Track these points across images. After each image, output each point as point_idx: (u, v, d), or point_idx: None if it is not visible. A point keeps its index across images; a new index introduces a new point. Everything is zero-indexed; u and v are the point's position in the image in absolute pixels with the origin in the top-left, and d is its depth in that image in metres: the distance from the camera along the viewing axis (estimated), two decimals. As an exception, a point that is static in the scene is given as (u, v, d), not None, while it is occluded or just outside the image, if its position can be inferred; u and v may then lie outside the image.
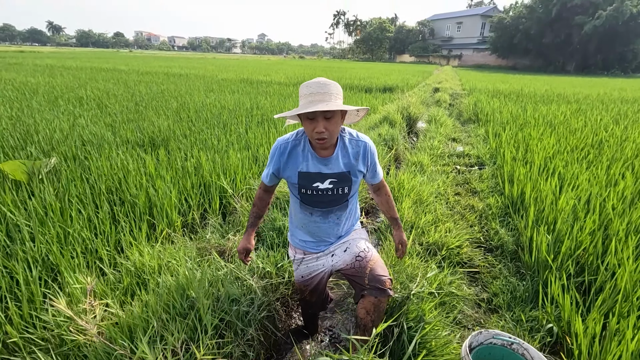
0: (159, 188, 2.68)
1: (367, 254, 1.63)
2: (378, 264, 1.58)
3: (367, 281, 1.51)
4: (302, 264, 1.74)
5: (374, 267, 1.55)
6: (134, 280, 1.78)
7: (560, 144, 4.29)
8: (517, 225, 2.82)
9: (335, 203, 1.59)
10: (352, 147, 1.48)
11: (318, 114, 1.29)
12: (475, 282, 2.41)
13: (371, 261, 1.59)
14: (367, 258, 1.60)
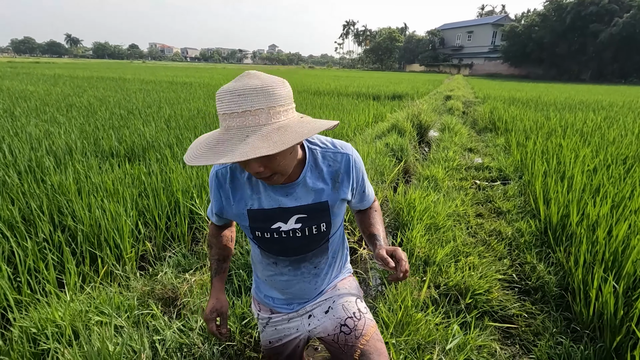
0: (111, 210, 2.16)
1: (356, 323, 1.06)
2: (372, 344, 1.02)
3: None
4: (268, 326, 1.18)
5: (366, 350, 1.00)
6: (28, 350, 1.25)
7: (600, 155, 3.67)
8: (560, 259, 2.22)
9: (308, 248, 1.04)
10: (329, 164, 0.95)
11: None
12: (510, 339, 1.82)
13: (363, 337, 1.03)
14: (357, 330, 1.05)
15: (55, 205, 2.26)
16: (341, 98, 10.11)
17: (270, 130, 0.70)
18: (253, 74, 0.74)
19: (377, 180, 3.27)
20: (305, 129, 0.74)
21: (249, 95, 0.69)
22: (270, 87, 0.71)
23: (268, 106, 0.71)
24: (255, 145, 0.67)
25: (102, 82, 13.39)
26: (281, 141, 0.69)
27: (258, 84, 0.70)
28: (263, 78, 0.73)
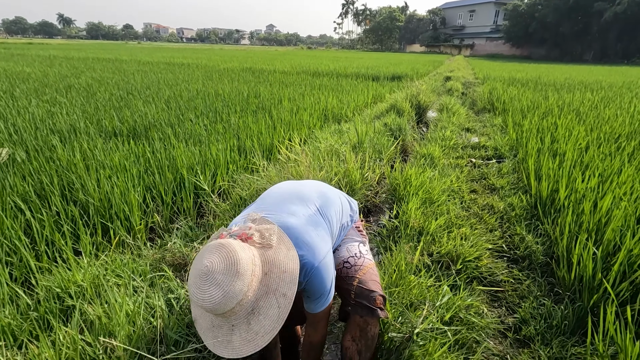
0: (118, 185, 2.26)
1: (357, 261, 1.26)
2: (369, 276, 1.21)
3: (354, 295, 1.16)
4: None
5: (363, 279, 1.20)
6: (54, 306, 1.37)
7: (593, 134, 3.75)
8: (547, 231, 2.34)
9: None
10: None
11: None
12: (497, 302, 1.95)
13: (361, 270, 1.23)
14: (356, 265, 1.23)
15: (65, 181, 2.35)
16: (340, 79, 10.07)
17: (247, 335, 0.87)
18: (212, 277, 0.82)
19: (375, 158, 3.36)
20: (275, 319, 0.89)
21: (220, 305, 0.82)
22: (230, 294, 0.82)
23: (237, 302, 0.84)
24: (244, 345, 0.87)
25: (98, 64, 13.23)
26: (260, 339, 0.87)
27: (220, 295, 0.81)
28: (221, 282, 0.81)
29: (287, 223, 1.08)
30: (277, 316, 0.89)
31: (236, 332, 0.87)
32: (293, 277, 0.93)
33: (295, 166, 2.32)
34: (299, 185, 1.38)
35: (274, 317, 0.89)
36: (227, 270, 0.82)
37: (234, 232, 0.96)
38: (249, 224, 1.01)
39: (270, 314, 0.88)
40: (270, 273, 0.92)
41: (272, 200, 1.24)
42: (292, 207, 1.17)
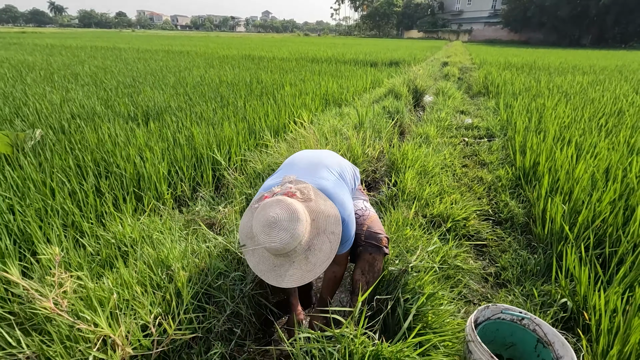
0: (148, 159, 2.53)
1: (364, 212, 1.58)
2: (375, 223, 1.53)
3: (364, 238, 1.45)
4: None
5: (370, 225, 1.50)
6: (114, 252, 1.66)
7: (577, 113, 4.03)
8: (528, 196, 2.64)
9: None
10: None
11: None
12: (482, 256, 2.26)
13: (368, 219, 1.54)
14: (364, 216, 1.55)
15: (99, 158, 2.62)
16: (339, 65, 10.24)
17: (304, 261, 1.14)
18: (279, 224, 1.06)
19: (375, 137, 3.64)
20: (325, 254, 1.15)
21: (286, 247, 1.07)
22: (295, 235, 1.07)
23: (298, 242, 1.09)
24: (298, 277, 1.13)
25: (97, 52, 13.29)
26: (315, 269, 1.14)
27: (287, 237, 1.06)
28: (288, 227, 1.07)
29: (321, 184, 1.32)
30: (329, 250, 1.15)
31: (296, 266, 1.13)
32: (337, 219, 1.19)
33: (303, 141, 2.59)
34: (318, 154, 1.63)
35: (327, 250, 1.15)
36: (290, 218, 1.07)
37: (278, 192, 1.20)
38: (288, 185, 1.24)
39: (324, 248, 1.15)
40: (317, 219, 1.18)
41: (301, 166, 1.47)
42: (321, 172, 1.41)
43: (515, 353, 1.43)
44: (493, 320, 1.42)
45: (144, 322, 1.12)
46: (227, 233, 1.93)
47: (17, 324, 1.33)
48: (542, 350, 1.32)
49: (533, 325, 1.35)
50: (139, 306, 1.17)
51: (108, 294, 1.19)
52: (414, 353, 1.18)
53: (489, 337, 1.41)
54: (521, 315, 1.37)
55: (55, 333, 1.10)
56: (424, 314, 1.40)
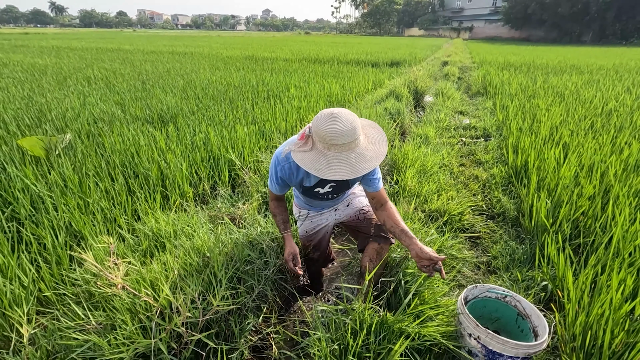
0: (171, 161, 2.78)
1: (370, 209, 1.77)
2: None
3: (373, 231, 1.66)
4: (306, 220, 1.88)
5: (378, 222, 1.69)
6: (152, 243, 1.91)
7: (569, 114, 4.26)
8: (519, 193, 2.88)
9: (333, 198, 1.74)
10: None
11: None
12: (475, 247, 2.50)
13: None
14: (371, 212, 1.74)
15: (125, 159, 2.87)
16: (341, 66, 10.46)
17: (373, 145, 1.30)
18: (341, 117, 1.21)
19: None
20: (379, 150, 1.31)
21: (351, 133, 1.21)
22: (356, 119, 1.24)
23: (359, 130, 1.25)
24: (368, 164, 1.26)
25: (104, 54, 13.54)
26: (379, 153, 1.29)
27: (352, 118, 1.22)
28: (350, 114, 1.23)
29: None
30: (382, 133, 1.35)
31: (353, 153, 1.23)
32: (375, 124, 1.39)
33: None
34: None
35: (381, 132, 1.35)
36: (348, 113, 1.24)
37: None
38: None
39: (378, 128, 1.36)
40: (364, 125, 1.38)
41: None
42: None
43: (500, 326, 1.67)
44: (481, 298, 1.66)
45: (192, 298, 1.37)
46: (248, 227, 2.18)
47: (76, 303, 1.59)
48: (522, 322, 1.56)
49: (514, 301, 1.60)
50: (185, 285, 1.42)
51: (160, 275, 1.44)
52: (413, 322, 1.43)
53: (477, 313, 1.65)
54: (504, 293, 1.61)
55: (120, 306, 1.35)
56: (421, 292, 1.64)
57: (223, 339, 1.43)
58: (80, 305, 1.49)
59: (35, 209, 2.25)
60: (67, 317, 1.43)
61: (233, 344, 1.44)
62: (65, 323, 1.40)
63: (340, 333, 1.36)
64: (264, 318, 1.63)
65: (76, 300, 1.58)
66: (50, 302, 1.66)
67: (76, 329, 1.41)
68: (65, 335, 1.33)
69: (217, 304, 1.31)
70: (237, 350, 1.41)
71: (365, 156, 1.25)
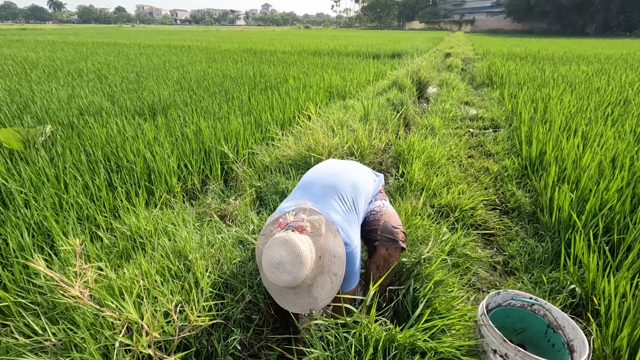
0: (157, 154, 2.56)
1: (382, 209, 1.58)
2: (392, 217, 1.52)
3: (380, 232, 1.45)
4: None
5: (387, 220, 1.50)
6: (129, 244, 1.69)
7: (582, 102, 4.01)
8: (535, 186, 2.65)
9: None
10: None
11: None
12: (490, 245, 2.29)
13: (385, 215, 1.54)
14: (381, 212, 1.56)
15: (109, 152, 2.65)
16: (341, 58, 10.19)
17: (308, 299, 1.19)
18: (283, 267, 1.09)
19: (381, 129, 3.64)
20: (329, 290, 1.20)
21: (289, 284, 1.11)
22: (298, 277, 1.10)
23: (302, 282, 1.13)
24: (307, 303, 1.19)
25: (99, 48, 13.28)
26: (321, 299, 1.19)
27: (289, 279, 1.10)
28: (290, 270, 1.10)
29: (331, 218, 1.30)
30: (330, 289, 1.19)
31: (300, 297, 1.19)
32: (342, 261, 1.22)
33: (311, 134, 2.61)
34: (336, 175, 1.54)
35: (329, 289, 1.20)
36: (293, 262, 1.09)
37: (291, 224, 1.21)
38: (302, 215, 1.25)
39: (326, 287, 1.19)
40: (323, 257, 1.20)
41: (315, 192, 1.43)
42: (333, 204, 1.38)
43: (525, 338, 1.46)
44: (504, 307, 1.45)
45: (166, 310, 1.16)
46: (239, 224, 1.96)
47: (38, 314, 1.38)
48: (552, 335, 1.35)
49: (543, 310, 1.38)
50: (160, 295, 1.21)
51: (130, 283, 1.22)
52: (425, 336, 1.21)
53: (499, 324, 1.44)
54: (531, 301, 1.40)
55: (81, 320, 1.14)
56: (432, 300, 1.43)
57: (204, 358, 1.22)
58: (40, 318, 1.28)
59: (5, 206, 2.04)
60: (24, 332, 1.23)
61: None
62: (21, 340, 1.19)
63: (342, 351, 1.15)
64: (256, 331, 1.42)
65: (37, 312, 1.37)
66: (11, 313, 1.45)
67: (33, 346, 1.21)
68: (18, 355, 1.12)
69: (196, 318, 1.10)
70: (221, 370, 1.20)
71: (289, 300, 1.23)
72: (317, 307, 1.19)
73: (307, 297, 1.19)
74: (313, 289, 1.19)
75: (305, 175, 1.62)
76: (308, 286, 1.18)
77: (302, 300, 1.19)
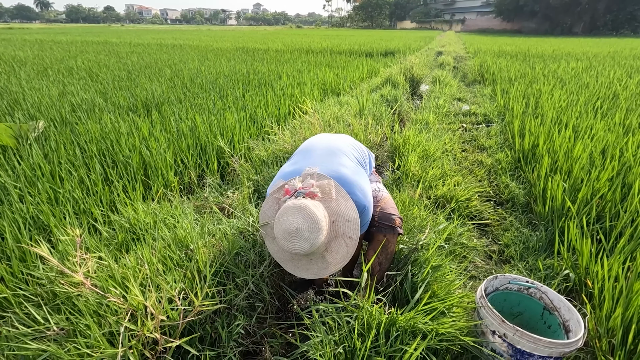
0: (153, 148, 2.55)
1: (377, 194, 1.58)
2: (389, 204, 1.52)
3: (377, 219, 1.45)
4: None
5: (384, 207, 1.51)
6: (129, 236, 1.69)
7: (573, 97, 4.09)
8: (528, 178, 2.70)
9: None
10: None
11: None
12: (485, 235, 2.32)
13: (382, 201, 1.54)
14: (377, 197, 1.56)
15: (103, 147, 2.63)
16: (334, 56, 10.20)
17: (322, 259, 1.21)
18: (301, 235, 1.09)
19: (376, 124, 3.67)
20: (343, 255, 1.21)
21: (306, 253, 1.13)
22: (315, 244, 1.10)
23: (317, 249, 1.14)
24: (319, 268, 1.21)
25: (89, 47, 13.10)
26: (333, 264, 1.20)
27: (307, 247, 1.10)
28: (308, 237, 1.09)
29: (341, 173, 1.31)
30: (345, 252, 1.19)
31: (314, 263, 1.18)
32: (356, 224, 1.21)
33: (308, 127, 2.62)
34: (335, 139, 1.59)
35: (344, 253, 1.20)
36: (311, 229, 1.09)
37: (300, 190, 1.19)
38: (311, 181, 1.23)
39: (340, 251, 1.19)
40: (337, 222, 1.20)
41: (319, 153, 1.45)
42: (341, 160, 1.40)
43: (522, 321, 1.49)
44: (501, 291, 1.48)
45: (170, 296, 1.16)
46: (239, 216, 1.97)
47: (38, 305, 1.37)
48: (549, 316, 1.38)
49: (539, 293, 1.42)
50: (163, 282, 1.21)
51: (133, 271, 1.22)
52: (426, 318, 1.24)
53: (497, 307, 1.47)
54: (528, 284, 1.43)
55: (85, 308, 1.14)
56: (430, 284, 1.45)
57: (208, 344, 1.23)
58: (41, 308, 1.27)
59: (0, 201, 2.01)
60: (25, 322, 1.22)
61: (221, 349, 1.24)
62: (22, 329, 1.18)
63: (344, 334, 1.17)
64: (258, 319, 1.43)
65: (37, 302, 1.36)
66: (10, 304, 1.44)
67: (34, 335, 1.20)
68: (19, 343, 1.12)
69: (200, 303, 1.10)
70: (225, 356, 1.21)
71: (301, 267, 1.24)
72: (330, 271, 1.19)
73: (320, 262, 1.19)
74: (327, 254, 1.19)
75: (303, 144, 1.63)
76: (322, 252, 1.18)
77: (315, 266, 1.19)
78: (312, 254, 1.16)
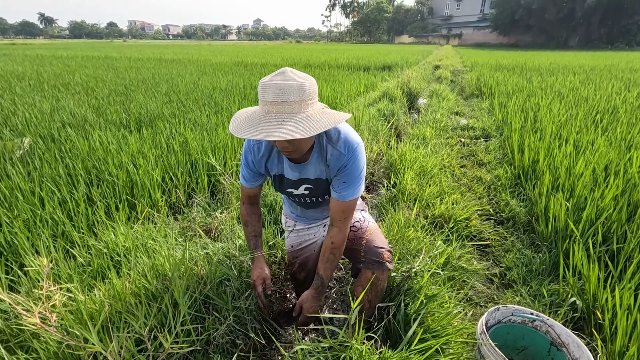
0: (141, 166, 2.46)
1: (362, 224, 1.43)
2: (376, 235, 1.37)
3: (363, 253, 1.32)
4: (292, 232, 1.59)
5: (370, 239, 1.35)
6: (106, 262, 1.58)
7: (572, 111, 4.03)
8: (529, 195, 2.61)
9: (314, 206, 1.42)
10: (333, 157, 1.18)
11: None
12: (486, 256, 2.22)
13: (368, 232, 1.39)
14: (362, 228, 1.41)
15: (89, 165, 2.55)
16: (332, 70, 10.24)
17: (301, 119, 0.95)
18: (290, 72, 0.96)
19: (372, 139, 3.60)
20: (328, 121, 0.98)
21: (287, 90, 0.92)
22: (303, 85, 0.94)
23: (300, 99, 0.95)
24: (289, 130, 0.91)
25: (89, 62, 13.18)
26: (310, 128, 0.93)
27: (293, 81, 0.93)
28: (297, 76, 0.95)
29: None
30: (323, 125, 0.96)
31: (283, 125, 0.93)
32: (345, 118, 1.03)
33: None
34: None
35: (322, 124, 0.96)
36: (302, 75, 0.96)
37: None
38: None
39: (322, 120, 0.97)
40: (327, 109, 1.05)
41: None
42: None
43: (528, 357, 1.38)
44: (504, 324, 1.37)
45: (139, 336, 1.05)
46: (225, 239, 1.87)
47: (2, 341, 1.26)
48: (556, 353, 1.27)
49: (545, 327, 1.31)
50: (132, 319, 1.10)
51: (100, 307, 1.12)
52: (420, 359, 1.13)
53: (500, 341, 1.36)
54: (532, 317, 1.32)
55: (43, 350, 1.03)
56: (424, 317, 1.34)
57: (182, 389, 1.11)
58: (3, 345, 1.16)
59: (-26, 223, 1.91)
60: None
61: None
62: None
63: (331, 378, 1.06)
64: (241, 357, 1.31)
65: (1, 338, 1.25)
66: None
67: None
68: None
69: (170, 345, 1.00)
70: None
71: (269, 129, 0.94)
72: (294, 135, 0.91)
73: (291, 125, 0.93)
74: (302, 121, 0.95)
75: None
76: (300, 114, 0.96)
77: (283, 128, 0.93)
78: (289, 109, 0.94)
